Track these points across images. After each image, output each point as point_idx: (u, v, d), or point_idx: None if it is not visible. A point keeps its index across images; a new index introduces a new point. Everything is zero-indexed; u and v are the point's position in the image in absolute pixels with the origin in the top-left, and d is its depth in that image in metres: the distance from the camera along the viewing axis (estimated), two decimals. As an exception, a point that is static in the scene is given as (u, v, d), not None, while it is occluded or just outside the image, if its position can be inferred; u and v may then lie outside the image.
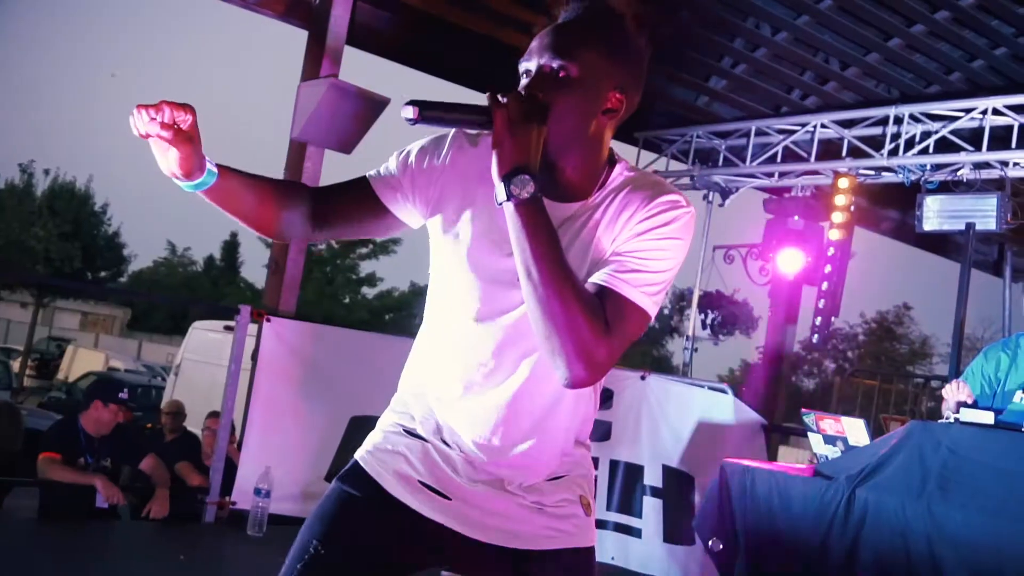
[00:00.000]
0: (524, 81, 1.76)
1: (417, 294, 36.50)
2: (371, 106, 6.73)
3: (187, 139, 1.62)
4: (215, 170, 1.70)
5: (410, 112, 1.63)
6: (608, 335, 1.63)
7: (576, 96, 1.73)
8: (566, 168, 1.77)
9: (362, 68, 8.11)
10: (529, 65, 1.76)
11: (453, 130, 1.83)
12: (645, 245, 1.70)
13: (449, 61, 8.91)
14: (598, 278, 1.69)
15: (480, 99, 1.70)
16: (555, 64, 1.72)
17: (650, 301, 1.69)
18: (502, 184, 1.62)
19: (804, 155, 8.99)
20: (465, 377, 1.81)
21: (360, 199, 1.85)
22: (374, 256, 33.83)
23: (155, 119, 1.59)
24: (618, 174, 1.80)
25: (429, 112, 1.64)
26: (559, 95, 1.71)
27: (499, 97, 1.66)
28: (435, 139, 1.86)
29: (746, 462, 5.18)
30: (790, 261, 9.48)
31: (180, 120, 1.60)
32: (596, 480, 2.01)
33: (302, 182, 1.87)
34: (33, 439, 6.64)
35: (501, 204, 1.64)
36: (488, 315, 1.78)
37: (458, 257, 1.80)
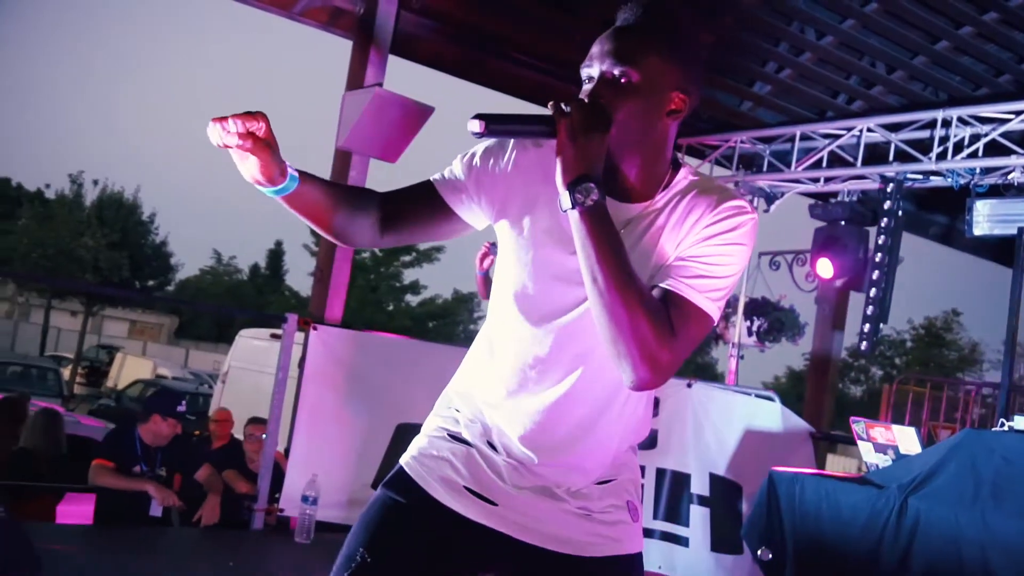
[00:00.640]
0: (586, 87, 1.77)
1: (460, 301, 36.66)
2: (416, 114, 6.76)
3: (264, 146, 1.67)
4: (296, 175, 1.74)
5: (476, 126, 1.66)
6: (673, 339, 1.64)
7: (639, 101, 1.74)
8: (630, 171, 1.78)
9: (406, 77, 8.16)
10: (591, 71, 1.77)
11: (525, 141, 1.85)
12: (710, 251, 1.71)
13: (492, 70, 8.93)
14: (663, 282, 1.70)
15: (533, 109, 1.71)
16: (616, 70, 1.74)
17: (714, 306, 1.71)
18: (567, 192, 1.64)
19: (850, 160, 8.89)
20: (520, 375, 1.82)
21: (426, 202, 1.87)
22: (417, 264, 34.04)
23: (229, 131, 1.63)
24: (682, 177, 1.81)
25: (495, 125, 1.67)
26: (622, 101, 1.73)
27: (562, 106, 1.67)
28: (499, 140, 1.87)
29: (795, 470, 5.13)
30: (836, 267, 9.38)
31: (254, 128, 1.64)
32: (643, 488, 2.00)
33: (372, 189, 1.88)
34: (84, 446, 6.74)
35: (566, 211, 1.65)
36: (548, 313, 1.79)
37: (522, 254, 1.82)
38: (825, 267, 9.37)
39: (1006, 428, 4.38)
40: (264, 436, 6.16)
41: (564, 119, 1.66)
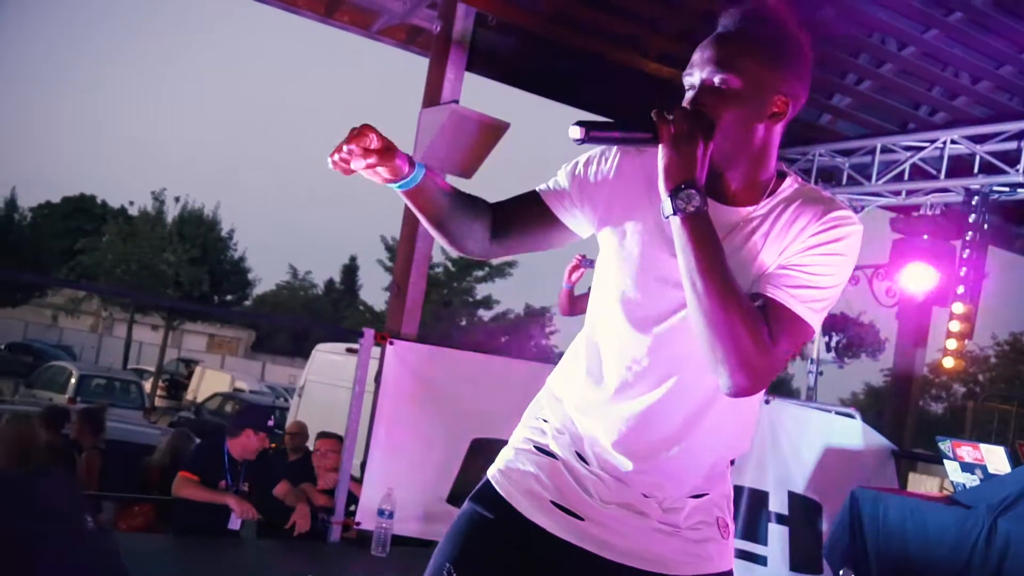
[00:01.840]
0: (689, 95, 1.77)
1: (532, 316, 36.66)
2: (492, 131, 6.80)
3: (385, 152, 1.70)
4: (423, 165, 1.78)
5: (577, 132, 1.67)
6: (771, 347, 1.65)
7: (740, 107, 1.74)
8: (734, 175, 1.78)
9: (483, 93, 8.21)
10: (692, 79, 1.77)
11: (626, 149, 1.87)
12: (814, 260, 1.71)
13: (569, 84, 8.94)
14: (765, 290, 1.70)
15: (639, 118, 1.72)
16: (717, 78, 1.74)
17: (815, 316, 1.71)
18: (668, 198, 1.66)
19: (933, 172, 8.71)
20: (617, 379, 1.81)
21: (533, 212, 1.90)
22: (490, 279, 34.14)
23: (349, 159, 1.67)
24: (788, 185, 1.81)
25: (596, 132, 1.69)
26: (724, 108, 1.73)
27: (664, 114, 1.68)
28: (603, 148, 1.89)
29: (878, 489, 5.02)
30: (919, 281, 9.17)
31: (368, 144, 1.68)
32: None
33: (483, 199, 1.91)
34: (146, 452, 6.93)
35: (668, 218, 1.67)
36: (648, 316, 1.79)
37: (624, 257, 1.82)
38: (912, 279, 9.15)
39: (1101, 448, 4.24)
40: (330, 452, 6.23)
41: (666, 126, 1.67)
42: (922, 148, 8.75)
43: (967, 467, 4.94)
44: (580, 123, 1.67)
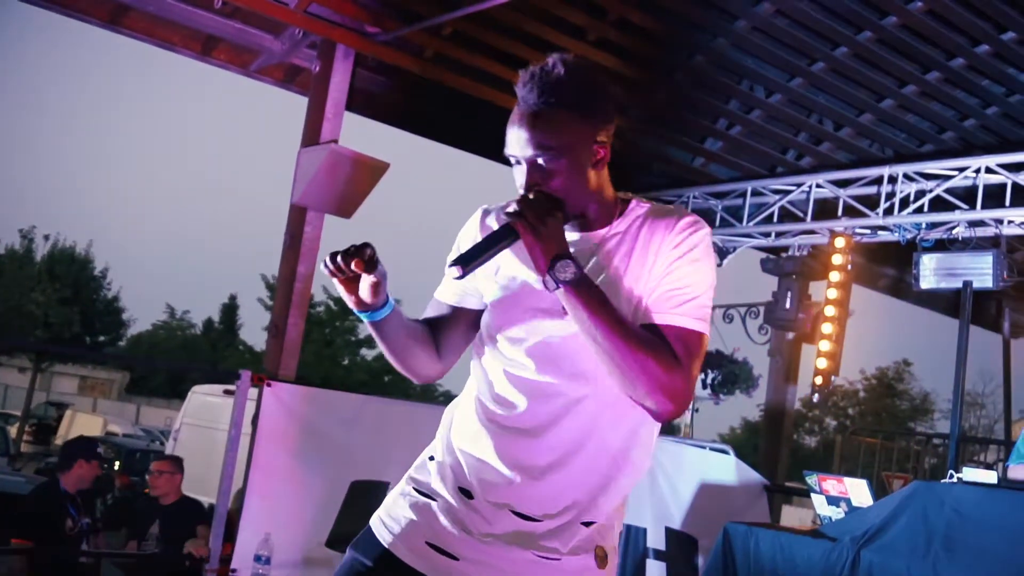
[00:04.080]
0: (516, 168, 1.90)
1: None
2: (371, 171, 6.80)
3: (375, 287, 1.85)
4: (393, 302, 1.93)
5: (456, 272, 1.80)
6: (681, 367, 1.79)
7: (570, 171, 1.87)
8: (585, 207, 1.92)
9: (361, 133, 8.21)
10: (516, 155, 1.89)
11: (477, 212, 2.05)
12: (683, 272, 1.84)
13: (446, 124, 9.01)
14: (656, 318, 1.82)
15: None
16: (540, 158, 1.86)
17: (705, 324, 1.86)
18: (548, 277, 1.77)
19: (800, 215, 9.05)
20: (502, 403, 1.90)
21: (453, 318, 2.05)
22: (373, 317, 33.82)
23: (343, 273, 1.81)
24: (635, 206, 1.96)
25: (470, 265, 1.82)
26: (556, 179, 1.86)
27: (513, 210, 1.80)
28: (465, 229, 2.04)
29: (750, 523, 5.15)
30: (789, 319, 9.48)
31: (359, 270, 1.79)
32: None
33: (422, 324, 1.98)
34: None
35: (552, 291, 1.78)
36: (524, 342, 1.90)
37: (500, 293, 1.95)
38: (783, 317, 9.45)
39: (955, 480, 4.44)
40: (165, 473, 6.17)
41: (520, 221, 1.79)
42: (790, 191, 9.09)
43: (833, 500, 5.10)
44: (453, 263, 1.80)
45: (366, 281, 1.84)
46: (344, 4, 7.01)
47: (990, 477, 4.30)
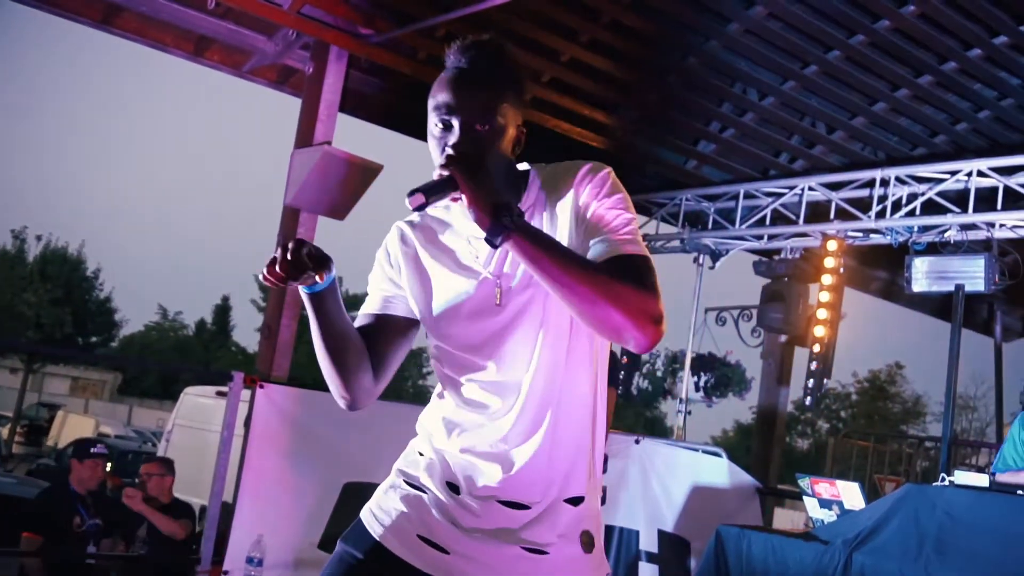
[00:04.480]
0: (441, 122, 1.89)
1: (409, 357, 36.41)
2: (364, 173, 6.79)
3: (314, 259, 1.79)
4: (333, 277, 1.85)
5: (420, 199, 1.76)
6: (649, 289, 1.74)
7: (497, 147, 1.88)
8: (500, 189, 1.86)
9: (355, 134, 8.20)
10: (449, 116, 1.88)
11: (393, 230, 2.02)
12: (607, 206, 1.83)
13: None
14: (602, 251, 1.78)
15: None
16: (477, 124, 1.86)
17: (644, 247, 1.82)
18: (494, 224, 1.71)
19: (793, 217, 9.06)
20: (469, 407, 1.90)
21: (382, 328, 1.99)
22: (365, 319, 33.82)
23: (284, 274, 1.77)
24: (535, 176, 1.94)
25: (430, 198, 1.77)
26: (484, 150, 1.84)
27: (450, 155, 1.79)
28: (384, 247, 2.02)
29: (742, 526, 5.16)
30: (782, 322, 9.50)
31: (304, 254, 1.77)
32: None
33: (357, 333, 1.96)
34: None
35: (500, 244, 1.73)
36: (473, 339, 1.89)
37: (440, 297, 1.93)
38: (775, 320, 9.46)
39: (947, 483, 4.45)
40: (155, 475, 6.16)
41: (456, 168, 1.76)
42: (782, 194, 9.10)
43: (825, 503, 5.12)
44: (413, 192, 1.76)
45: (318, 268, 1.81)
46: (337, 5, 7.00)
47: (982, 480, 4.31)
